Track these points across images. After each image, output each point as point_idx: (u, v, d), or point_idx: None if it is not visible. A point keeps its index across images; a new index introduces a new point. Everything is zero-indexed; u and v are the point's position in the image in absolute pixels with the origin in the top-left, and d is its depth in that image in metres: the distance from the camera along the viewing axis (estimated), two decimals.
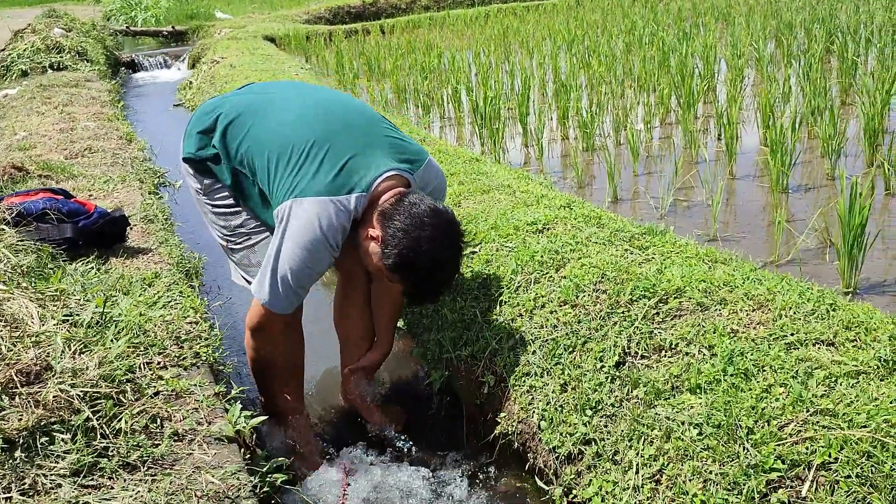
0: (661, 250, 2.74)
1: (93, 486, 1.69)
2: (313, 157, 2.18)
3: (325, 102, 2.38)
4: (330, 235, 2.12)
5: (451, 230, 2.19)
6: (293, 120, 2.27)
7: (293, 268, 2.14)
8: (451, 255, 2.20)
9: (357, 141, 2.25)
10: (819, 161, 4.94)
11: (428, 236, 2.11)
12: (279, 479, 1.99)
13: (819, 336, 2.04)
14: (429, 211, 2.13)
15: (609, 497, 1.96)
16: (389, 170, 2.22)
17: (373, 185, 2.18)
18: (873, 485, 1.57)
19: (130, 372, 2.07)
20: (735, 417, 1.85)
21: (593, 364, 2.26)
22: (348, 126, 2.29)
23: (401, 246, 2.11)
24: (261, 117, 2.30)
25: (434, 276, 2.18)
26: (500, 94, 6.81)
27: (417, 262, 2.12)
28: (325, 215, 2.11)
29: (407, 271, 2.15)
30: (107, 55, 12.13)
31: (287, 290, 2.19)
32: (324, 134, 2.23)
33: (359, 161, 2.20)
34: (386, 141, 2.31)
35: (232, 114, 2.34)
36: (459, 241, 2.23)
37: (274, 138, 2.24)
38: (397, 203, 2.15)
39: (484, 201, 3.57)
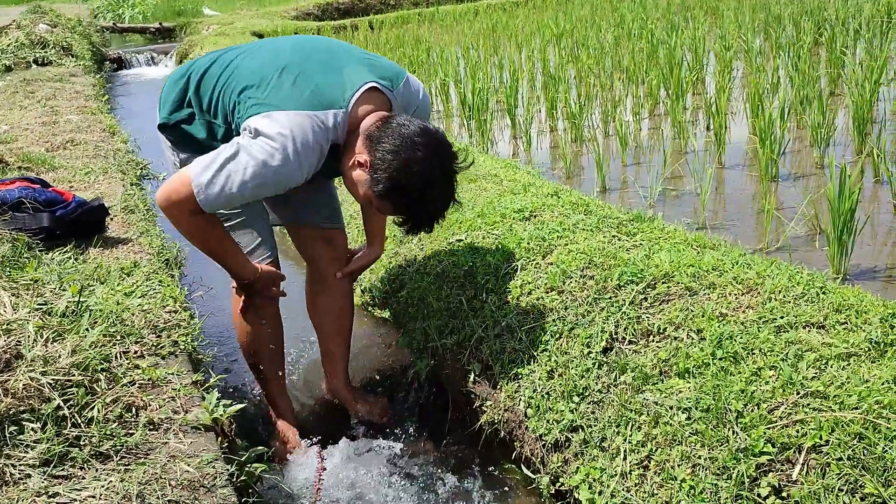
0: (650, 236, 2.70)
1: (63, 477, 1.64)
2: (286, 77, 2.04)
3: (299, 38, 2.30)
4: (304, 153, 1.95)
5: (444, 150, 2.02)
6: (264, 55, 2.17)
7: (248, 169, 1.91)
8: (445, 177, 2.03)
9: (331, 62, 2.11)
10: (808, 150, 4.91)
11: (420, 157, 1.94)
12: (259, 469, 1.94)
13: (809, 319, 2.00)
14: (419, 131, 1.97)
15: (596, 484, 1.92)
16: (369, 82, 2.06)
17: (351, 101, 2.03)
18: (865, 467, 1.53)
19: (106, 361, 2.02)
20: (724, 401, 1.81)
21: (580, 350, 2.22)
22: (320, 50, 2.17)
23: (391, 169, 1.94)
24: (232, 61, 2.20)
25: (428, 198, 2.01)
26: (488, 87, 6.77)
27: (409, 184, 1.96)
28: (302, 130, 1.94)
29: (399, 196, 1.98)
30: (93, 51, 12.01)
31: (227, 185, 1.92)
32: (296, 58, 2.10)
33: (335, 77, 2.05)
34: (362, 59, 2.17)
35: (202, 68, 2.25)
36: (453, 163, 2.05)
37: (246, 74, 2.12)
38: (385, 125, 1.99)
39: (471, 190, 3.52)
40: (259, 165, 1.93)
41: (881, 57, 5.37)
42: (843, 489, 1.52)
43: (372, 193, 2.01)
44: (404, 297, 3.00)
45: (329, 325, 2.70)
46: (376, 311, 3.28)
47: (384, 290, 3.22)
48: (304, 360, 3.06)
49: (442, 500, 2.28)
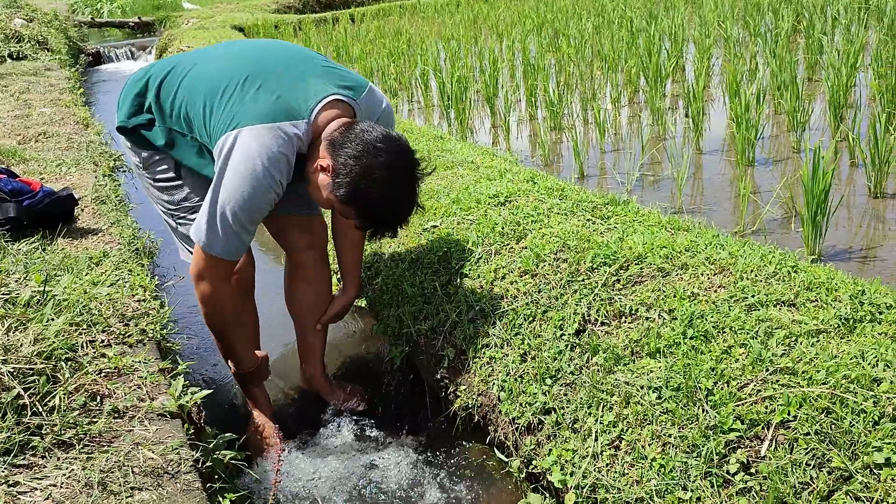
0: (624, 219, 2.69)
1: (24, 466, 1.61)
2: (248, 89, 2.05)
3: (259, 44, 2.29)
4: (271, 167, 1.97)
5: (406, 157, 2.04)
6: (225, 62, 2.17)
7: (232, 203, 1.98)
8: (407, 183, 2.04)
9: (293, 72, 2.11)
10: (785, 135, 4.93)
11: (382, 163, 1.96)
12: (227, 457, 1.91)
13: (780, 297, 2.00)
14: (381, 137, 1.99)
15: (568, 465, 1.91)
16: (330, 94, 2.08)
17: (314, 112, 2.04)
18: (832, 441, 1.53)
19: (71, 350, 1.98)
20: (694, 380, 1.80)
21: (553, 333, 2.21)
22: (283, 59, 2.17)
23: (353, 174, 1.96)
24: (192, 68, 2.19)
25: (390, 204, 2.03)
26: (469, 76, 6.74)
27: (371, 190, 1.98)
28: (265, 145, 1.96)
29: (360, 201, 2.00)
30: (69, 45, 11.88)
31: (226, 228, 2.00)
32: (258, 68, 2.11)
33: (297, 88, 2.06)
34: (324, 70, 2.17)
35: (162, 73, 2.23)
36: (415, 169, 2.07)
37: (207, 82, 2.12)
38: (347, 130, 2.01)
39: (447, 177, 3.50)
40: (240, 196, 1.97)
41: (858, 42, 5.39)
42: (811, 463, 1.52)
43: (334, 197, 2.02)
44: (379, 285, 2.97)
45: (307, 314, 2.67)
46: None
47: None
48: (280, 350, 3.04)
49: (416, 486, 2.26)
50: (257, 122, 1.98)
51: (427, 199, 3.25)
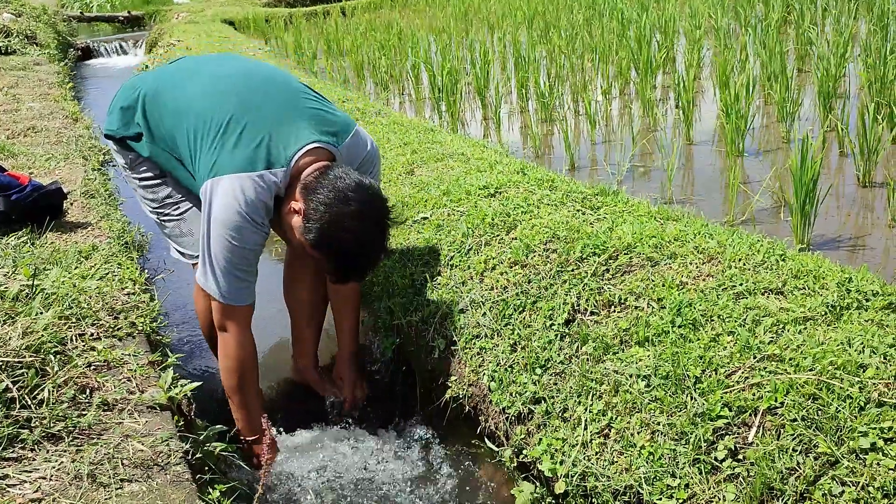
0: (613, 210, 2.70)
1: (13, 459, 1.61)
2: (231, 132, 2.08)
3: (247, 73, 2.29)
4: (250, 212, 2.01)
5: (376, 206, 2.07)
6: (211, 92, 2.18)
7: (225, 252, 2.04)
8: (375, 233, 2.07)
9: (277, 114, 2.14)
10: (775, 126, 4.94)
11: (351, 212, 1.99)
12: (217, 448, 1.91)
13: (768, 285, 2.01)
14: (353, 185, 2.01)
15: (558, 454, 1.91)
16: (311, 142, 2.10)
17: (293, 159, 2.07)
18: (818, 426, 1.54)
19: (60, 343, 1.99)
20: (683, 368, 1.81)
21: (543, 322, 2.21)
22: (269, 98, 2.18)
23: (322, 220, 1.99)
24: (179, 90, 2.22)
25: (356, 253, 2.06)
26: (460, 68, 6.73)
27: (339, 238, 2.01)
28: (242, 192, 2.01)
29: (329, 248, 2.03)
30: (58, 40, 11.80)
31: (229, 275, 2.07)
32: (242, 107, 2.13)
33: (279, 135, 2.09)
34: (308, 112, 2.19)
35: (151, 90, 2.26)
36: (385, 219, 2.10)
37: (191, 112, 2.15)
38: (321, 176, 2.03)
39: (437, 169, 3.50)
40: (227, 243, 2.03)
41: (847, 32, 5.40)
42: (798, 449, 1.53)
43: (305, 241, 2.05)
44: (370, 277, 2.97)
45: (303, 309, 2.67)
46: None
47: None
48: (271, 343, 3.03)
49: (407, 477, 2.27)
50: (237, 171, 2.03)
51: (417, 191, 3.25)
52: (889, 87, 4.26)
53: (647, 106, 5.54)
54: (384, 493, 2.20)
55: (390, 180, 3.54)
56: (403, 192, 3.29)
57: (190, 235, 2.33)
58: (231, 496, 1.74)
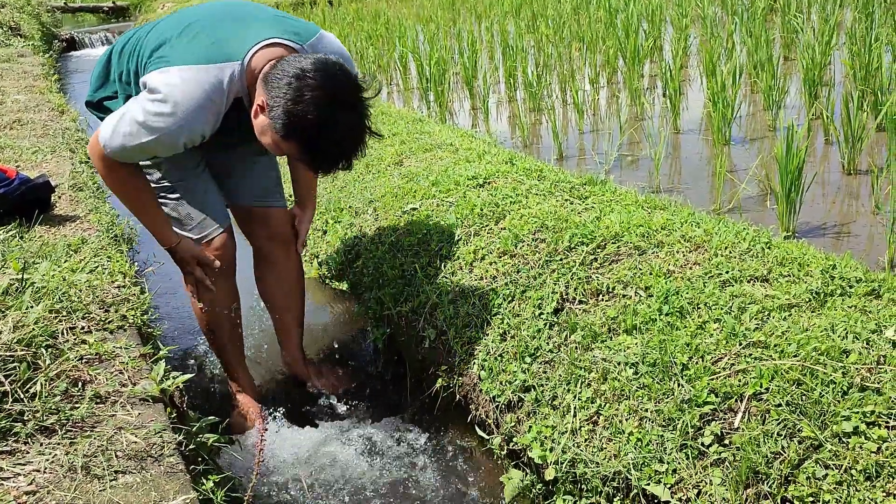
0: (601, 199, 2.72)
1: (7, 452, 1.61)
2: (185, 35, 2.00)
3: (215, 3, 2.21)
4: (191, 107, 1.90)
5: (340, 77, 1.85)
6: (175, 17, 2.13)
7: (138, 129, 1.93)
8: (345, 105, 1.85)
9: (237, 18, 2.04)
10: (762, 114, 4.97)
11: (311, 84, 1.80)
12: (211, 439, 1.93)
13: (754, 273, 2.04)
14: (312, 61, 1.84)
15: (548, 441, 1.94)
16: (270, 38, 1.97)
17: (249, 54, 1.94)
18: (802, 411, 1.57)
19: (51, 337, 1.98)
20: (670, 355, 1.84)
21: (532, 312, 2.24)
22: (231, 9, 2.10)
23: (284, 102, 1.81)
24: (147, 32, 2.16)
25: (329, 129, 1.84)
26: (448, 58, 6.73)
27: (305, 115, 1.81)
28: (188, 85, 1.90)
29: (297, 131, 1.84)
30: (42, 31, 11.70)
31: (124, 142, 1.96)
32: (201, 17, 2.06)
33: (236, 33, 1.98)
34: (272, 17, 2.09)
35: (122, 42, 2.23)
36: (353, 90, 1.87)
37: (154, 37, 2.09)
38: (278, 63, 1.89)
39: (426, 159, 3.51)
40: (149, 118, 1.92)
41: (833, 20, 5.43)
42: (782, 434, 1.56)
43: (276, 137, 1.89)
44: (360, 268, 2.99)
45: (279, 302, 2.67)
46: (334, 284, 3.26)
47: (340, 261, 3.21)
48: (262, 333, 3.04)
49: (399, 466, 2.29)
50: (188, 63, 1.92)
51: (407, 181, 3.26)
52: (873, 74, 4.29)
53: (635, 95, 5.56)
54: (375, 481, 2.23)
55: (379, 171, 3.55)
56: (393, 183, 3.30)
57: (189, 219, 2.30)
58: (224, 487, 1.75)
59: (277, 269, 2.60)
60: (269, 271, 2.62)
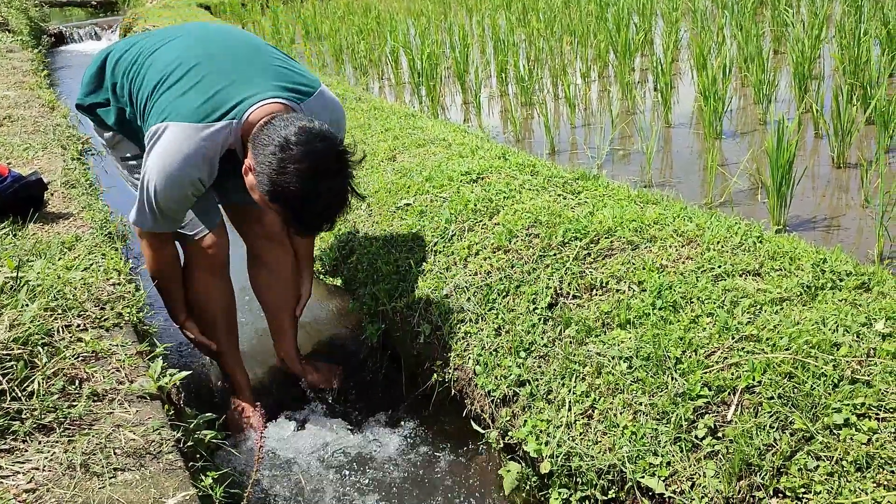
0: (594, 194, 2.73)
1: (5, 450, 1.62)
2: (186, 81, 2.05)
3: (214, 30, 2.27)
4: (188, 165, 2.00)
5: (324, 148, 1.90)
6: (178, 51, 2.15)
7: (153, 195, 2.05)
8: (327, 175, 1.91)
9: (238, 67, 2.09)
10: (752, 108, 5.00)
11: (294, 156, 1.85)
12: (208, 436, 1.94)
13: (746, 267, 2.06)
14: (297, 130, 1.88)
15: (543, 435, 1.96)
16: (268, 98, 2.02)
17: (247, 112, 1.99)
18: (794, 404, 1.59)
19: (47, 335, 1.99)
20: (663, 349, 1.86)
21: (526, 307, 2.25)
22: (232, 53, 2.14)
23: (269, 171, 1.87)
24: (146, 49, 2.19)
25: (310, 199, 1.90)
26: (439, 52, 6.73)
27: (286, 185, 1.86)
28: (185, 144, 1.98)
29: (280, 198, 1.90)
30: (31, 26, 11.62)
31: (151, 210, 2.10)
32: (203, 59, 2.09)
33: (235, 88, 2.03)
34: (272, 69, 2.14)
35: (119, 52, 2.25)
36: (336, 161, 1.93)
37: (154, 64, 2.13)
38: (265, 126, 1.94)
39: (419, 155, 3.52)
40: (159, 189, 2.04)
41: (822, 13, 5.46)
42: (774, 426, 1.58)
43: (265, 199, 1.95)
44: (354, 263, 3.00)
45: (273, 300, 2.68)
46: (328, 280, 3.27)
47: (334, 257, 3.22)
48: (255, 329, 3.05)
49: (396, 461, 2.30)
50: (185, 120, 2.00)
51: (400, 177, 3.27)
52: (862, 68, 4.32)
53: (626, 89, 5.58)
54: (372, 476, 2.24)
55: (372, 167, 3.55)
56: (386, 179, 3.31)
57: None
58: (223, 484, 1.76)
59: (271, 268, 2.61)
60: (263, 270, 2.63)
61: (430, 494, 2.16)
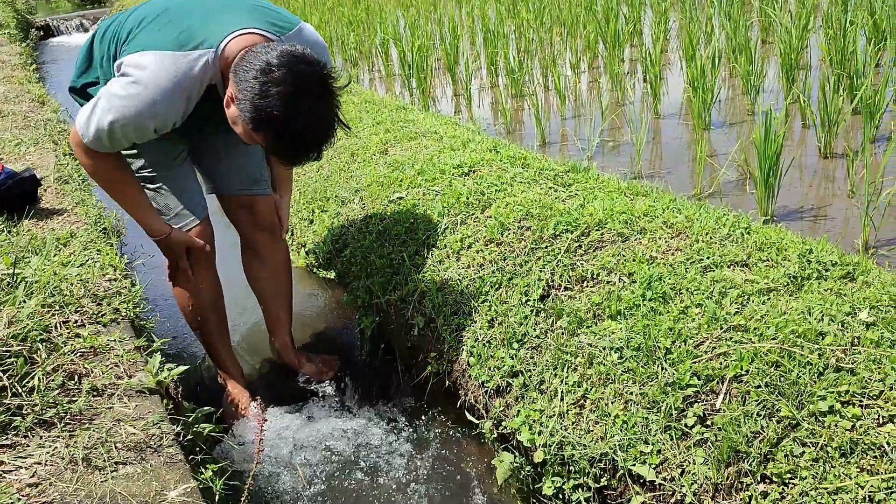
0: (585, 186, 2.77)
1: (7, 446, 1.65)
2: (161, 19, 2.01)
3: None
4: (162, 93, 1.92)
5: (306, 69, 1.84)
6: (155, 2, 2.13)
7: (110, 115, 1.93)
8: (311, 98, 1.85)
9: (215, 5, 2.05)
10: (741, 98, 5.04)
11: (276, 78, 1.80)
12: (206, 429, 1.97)
13: (734, 258, 2.10)
14: (278, 53, 1.83)
15: (536, 425, 1.99)
16: (246, 28, 1.97)
17: (223, 43, 1.94)
18: (780, 392, 1.63)
19: (45, 331, 2.01)
20: (653, 339, 1.90)
21: (519, 299, 2.29)
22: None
23: (251, 96, 1.82)
24: (125, 14, 2.19)
25: (296, 122, 1.84)
26: (429, 44, 6.73)
27: (270, 109, 1.81)
28: (159, 70, 1.91)
29: (264, 124, 1.84)
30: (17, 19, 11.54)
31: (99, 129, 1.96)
32: (177, 4, 2.07)
33: (212, 20, 1.98)
34: (250, 4, 2.08)
35: (104, 26, 2.24)
36: (320, 83, 1.87)
37: (129, 18, 2.11)
38: (246, 54, 1.89)
39: (411, 148, 3.54)
40: (117, 102, 1.92)
41: (809, 4, 5.50)
42: (761, 414, 1.62)
43: (248, 128, 1.88)
44: (347, 257, 3.02)
45: (267, 290, 2.71)
46: (321, 273, 3.30)
47: (328, 250, 3.24)
48: (250, 322, 3.07)
49: (392, 451, 2.34)
50: (160, 49, 1.93)
51: (392, 170, 3.29)
52: (849, 58, 4.36)
53: (616, 80, 5.60)
54: (368, 466, 2.28)
55: (365, 160, 3.57)
56: (378, 172, 3.33)
57: (167, 210, 2.31)
58: (223, 476, 1.79)
59: (264, 258, 2.64)
60: (256, 259, 2.65)
61: (425, 484, 2.20)
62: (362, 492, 2.19)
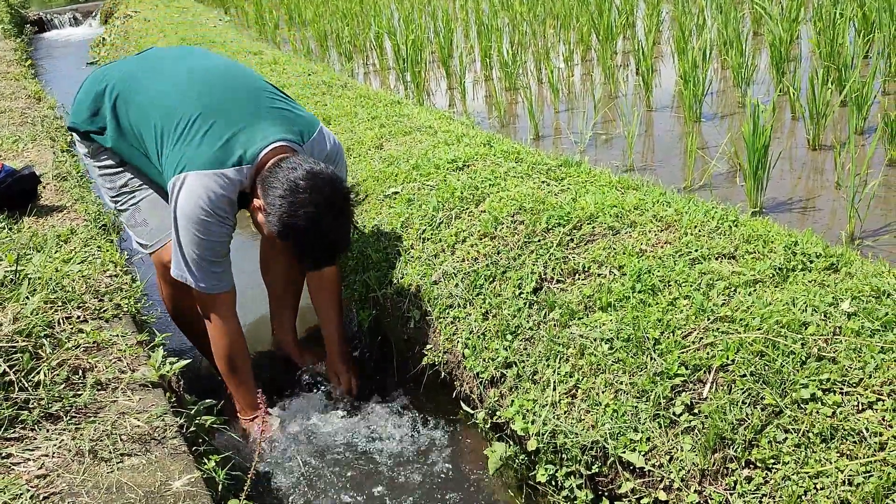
0: (577, 180, 2.81)
1: (15, 439, 1.70)
2: (197, 130, 2.17)
3: (213, 71, 2.35)
4: (214, 208, 2.12)
5: (330, 192, 2.10)
6: (177, 90, 2.26)
7: (193, 245, 2.15)
8: (331, 217, 2.11)
9: (243, 113, 2.22)
10: (732, 91, 5.09)
11: (303, 200, 2.05)
12: (209, 421, 2.02)
13: (721, 250, 2.15)
14: (305, 174, 2.07)
15: (529, 414, 2.05)
16: (276, 141, 2.19)
17: (258, 157, 2.16)
18: (765, 381, 1.69)
19: (49, 327, 2.06)
20: (643, 330, 1.95)
21: (512, 291, 2.34)
22: (235, 96, 2.26)
23: (279, 213, 2.06)
24: (145, 87, 2.29)
25: (317, 238, 2.12)
26: (423, 37, 6.76)
27: (297, 226, 2.07)
28: (207, 190, 2.11)
29: (291, 237, 2.11)
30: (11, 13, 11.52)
31: (201, 266, 2.18)
32: (209, 106, 2.21)
33: (244, 134, 2.18)
34: (274, 113, 2.27)
35: (119, 86, 2.33)
36: (341, 203, 2.14)
37: (158, 109, 2.23)
38: (274, 168, 2.11)
39: (406, 143, 3.58)
40: (194, 238, 2.14)
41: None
42: (747, 402, 1.68)
43: (274, 235, 2.13)
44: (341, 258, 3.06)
45: (280, 287, 2.77)
46: None
47: None
48: (252, 313, 3.12)
49: (389, 441, 2.39)
50: (202, 168, 2.12)
51: (387, 165, 3.33)
52: (838, 51, 4.41)
53: (608, 72, 5.65)
54: (366, 457, 2.33)
55: (360, 155, 3.61)
56: (374, 167, 3.38)
57: (144, 225, 2.40)
58: (225, 466, 1.84)
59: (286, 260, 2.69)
60: (277, 259, 2.72)
61: (420, 474, 2.26)
62: (358, 480, 2.25)
